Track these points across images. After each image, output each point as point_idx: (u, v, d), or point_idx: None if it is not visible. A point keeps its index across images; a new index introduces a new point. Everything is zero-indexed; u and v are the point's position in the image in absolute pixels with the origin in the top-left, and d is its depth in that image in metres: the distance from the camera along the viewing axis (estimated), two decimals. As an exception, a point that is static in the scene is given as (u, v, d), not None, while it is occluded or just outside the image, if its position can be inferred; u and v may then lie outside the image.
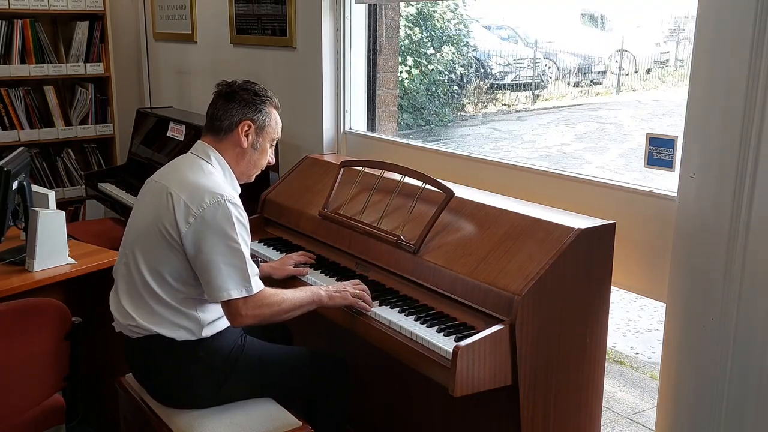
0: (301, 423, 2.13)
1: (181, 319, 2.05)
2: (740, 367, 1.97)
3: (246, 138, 2.16)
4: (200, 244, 1.98)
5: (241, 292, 2.00)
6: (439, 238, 2.30)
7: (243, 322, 2.04)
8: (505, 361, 1.94)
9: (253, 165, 2.22)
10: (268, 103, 2.21)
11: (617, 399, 3.49)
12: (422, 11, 8.53)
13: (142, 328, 2.06)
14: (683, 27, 9.58)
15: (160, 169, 2.24)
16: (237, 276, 1.99)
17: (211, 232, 1.98)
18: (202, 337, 2.08)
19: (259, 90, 2.20)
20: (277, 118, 2.24)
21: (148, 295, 2.05)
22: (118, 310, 2.13)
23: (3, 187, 2.47)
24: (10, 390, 2.07)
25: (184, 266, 2.03)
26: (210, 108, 2.20)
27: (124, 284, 2.11)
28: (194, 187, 2.03)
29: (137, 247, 2.08)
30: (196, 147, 2.19)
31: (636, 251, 2.27)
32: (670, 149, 2.15)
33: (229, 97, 2.17)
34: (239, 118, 2.15)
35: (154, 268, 2.04)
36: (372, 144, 3.33)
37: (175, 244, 2.01)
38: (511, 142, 8.46)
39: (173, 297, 2.05)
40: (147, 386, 2.19)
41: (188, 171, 2.10)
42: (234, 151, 2.17)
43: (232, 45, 3.99)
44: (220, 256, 1.98)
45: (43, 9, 4.42)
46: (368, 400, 2.72)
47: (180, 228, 1.99)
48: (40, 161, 4.64)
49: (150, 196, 2.12)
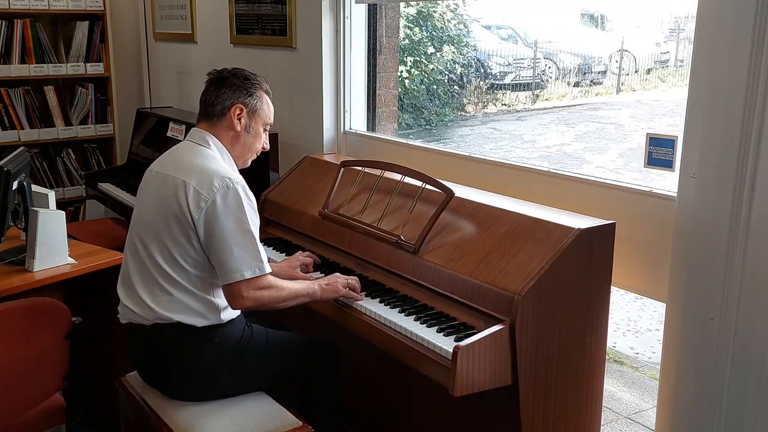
0: (302, 423, 2.13)
1: (199, 304, 2.09)
2: (740, 367, 1.97)
3: (239, 121, 2.20)
4: (212, 227, 2.03)
5: (254, 271, 2.05)
6: (439, 238, 2.30)
7: (243, 304, 2.08)
8: (505, 361, 1.94)
9: (248, 148, 2.26)
10: (259, 87, 2.25)
11: (617, 399, 3.49)
12: (422, 11, 8.53)
13: (160, 317, 2.08)
14: (683, 27, 9.57)
15: (158, 159, 2.26)
16: (249, 257, 2.04)
17: (222, 215, 2.02)
18: (217, 322, 2.12)
19: (249, 75, 2.25)
20: (268, 102, 2.28)
21: (165, 281, 2.08)
22: (131, 300, 2.13)
23: (3, 187, 2.47)
24: (10, 390, 2.07)
25: (200, 251, 2.07)
26: (202, 95, 2.24)
27: (138, 275, 2.12)
28: (202, 172, 2.07)
29: (149, 237, 2.10)
30: (192, 134, 2.23)
31: (636, 251, 2.27)
32: (670, 149, 2.15)
33: (220, 82, 2.21)
34: (231, 102, 2.19)
35: (169, 256, 2.07)
36: (372, 144, 3.33)
37: (189, 229, 2.05)
38: (511, 142, 8.46)
39: (191, 282, 2.08)
40: (155, 379, 2.19)
41: (192, 157, 2.14)
42: (228, 135, 2.21)
43: (232, 45, 3.99)
44: (232, 238, 2.03)
45: (43, 9, 4.41)
46: (368, 400, 2.72)
47: (192, 213, 2.03)
48: (40, 161, 4.63)
49: (155, 188, 2.14)
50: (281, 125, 3.63)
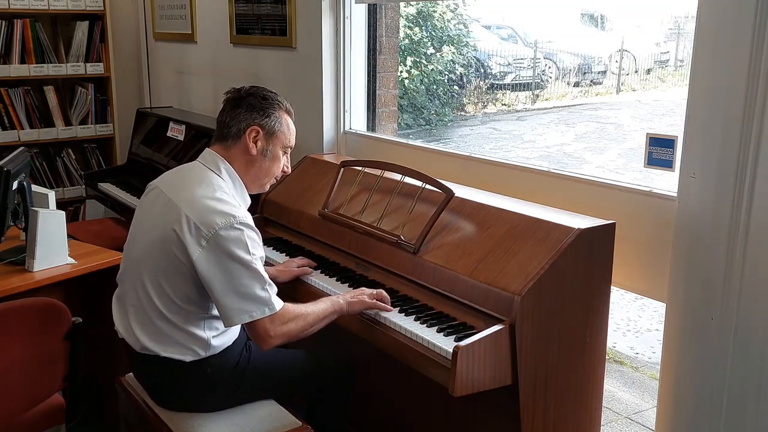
0: (302, 423, 2.13)
1: (188, 340, 1.99)
2: (740, 366, 1.97)
3: (255, 144, 2.07)
4: (215, 268, 1.90)
5: (263, 311, 1.92)
6: (439, 238, 2.30)
7: (273, 343, 1.95)
8: (505, 361, 1.94)
9: (265, 173, 2.12)
10: (278, 107, 2.11)
11: (617, 399, 3.49)
12: (422, 11, 8.54)
13: (147, 350, 2.01)
14: (683, 27, 9.58)
15: (165, 174, 2.16)
16: (257, 296, 1.92)
17: (225, 255, 1.90)
18: (211, 353, 2.03)
19: (267, 95, 2.11)
20: (289, 123, 2.14)
21: (154, 315, 1.99)
22: (123, 326, 2.08)
23: (3, 187, 2.47)
24: (10, 390, 2.07)
25: (192, 288, 1.95)
26: (219, 115, 2.12)
27: (131, 301, 2.05)
28: (205, 208, 1.93)
29: (142, 264, 2.01)
30: (204, 156, 2.10)
31: (636, 251, 2.27)
32: (670, 149, 2.15)
33: (236, 102, 2.09)
34: (247, 123, 2.06)
35: (160, 288, 1.97)
36: (372, 144, 3.33)
37: (184, 268, 1.93)
38: (511, 142, 8.47)
39: (179, 317, 1.98)
40: (151, 394, 2.16)
41: (198, 187, 1.99)
42: (243, 159, 2.08)
43: (232, 45, 3.99)
44: (238, 279, 1.90)
45: (43, 9, 4.41)
46: (368, 399, 2.72)
47: (191, 252, 1.90)
48: (40, 161, 4.63)
49: (157, 210, 2.03)
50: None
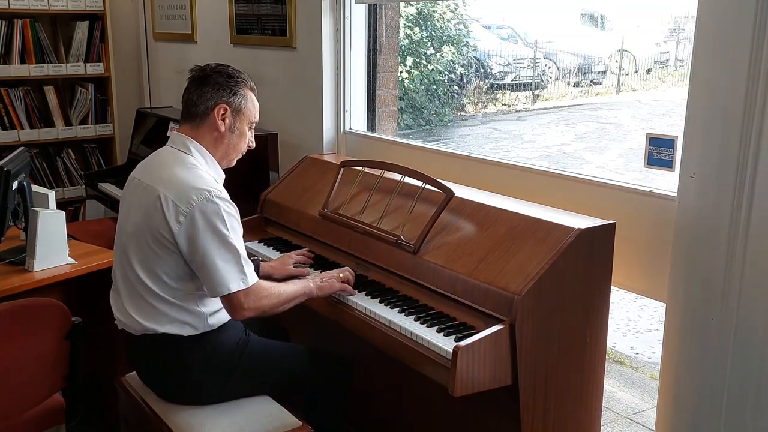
0: (302, 423, 2.13)
1: (184, 315, 2.07)
2: (740, 366, 1.97)
3: (223, 122, 2.13)
4: (194, 242, 1.99)
5: (239, 284, 2.01)
6: (439, 238, 2.30)
7: (244, 315, 2.05)
8: (505, 361, 1.94)
9: (233, 149, 2.19)
10: (243, 84, 2.16)
11: (617, 399, 3.49)
12: (422, 11, 8.53)
13: (146, 329, 2.06)
14: (683, 27, 9.57)
15: (139, 164, 2.21)
16: (233, 270, 2.00)
17: (202, 229, 1.98)
18: (207, 329, 2.10)
19: (232, 72, 2.16)
20: (253, 100, 2.20)
21: (147, 294, 2.06)
22: (120, 311, 2.13)
23: (3, 187, 2.47)
24: (10, 390, 2.07)
25: (180, 264, 2.03)
26: (185, 94, 2.17)
27: (124, 287, 2.12)
28: (180, 185, 2.01)
29: (130, 249, 2.08)
30: (173, 139, 2.16)
31: (636, 251, 2.27)
32: (670, 149, 2.15)
33: (202, 81, 2.13)
34: (214, 101, 2.11)
35: (149, 269, 2.04)
36: (372, 144, 3.33)
37: (168, 244, 2.01)
38: (511, 142, 8.46)
39: (173, 294, 2.05)
40: (151, 383, 2.19)
41: (172, 168, 2.07)
42: (212, 136, 2.14)
43: (232, 45, 3.99)
44: (215, 251, 1.98)
45: (43, 9, 4.41)
46: (368, 399, 2.72)
47: (172, 228, 1.98)
48: (40, 161, 4.63)
49: (136, 197, 2.10)
50: (281, 125, 3.63)
